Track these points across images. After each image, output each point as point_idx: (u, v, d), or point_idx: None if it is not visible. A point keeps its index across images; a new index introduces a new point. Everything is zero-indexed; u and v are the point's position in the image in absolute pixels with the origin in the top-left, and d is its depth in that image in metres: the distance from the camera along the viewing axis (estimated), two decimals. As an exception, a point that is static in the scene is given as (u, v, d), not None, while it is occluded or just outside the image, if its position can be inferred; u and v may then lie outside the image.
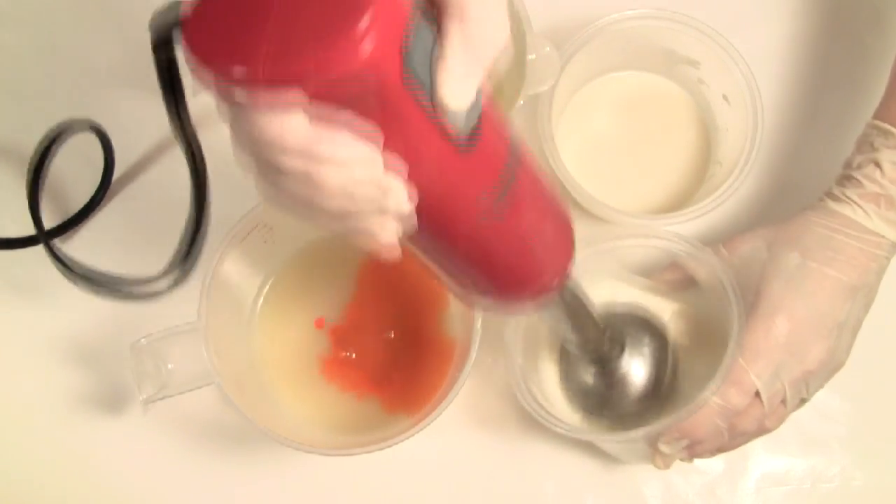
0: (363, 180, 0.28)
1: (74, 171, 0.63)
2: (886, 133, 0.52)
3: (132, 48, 0.67)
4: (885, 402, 0.61)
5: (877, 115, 0.54)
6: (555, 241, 0.37)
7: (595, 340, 0.50)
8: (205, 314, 0.52)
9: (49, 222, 0.63)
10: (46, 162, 0.54)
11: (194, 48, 0.26)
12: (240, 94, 0.26)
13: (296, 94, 0.25)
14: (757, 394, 0.50)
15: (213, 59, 0.26)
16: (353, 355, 0.60)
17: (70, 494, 0.61)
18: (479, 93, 0.29)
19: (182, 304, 0.53)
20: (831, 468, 0.60)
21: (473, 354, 0.52)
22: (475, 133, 0.30)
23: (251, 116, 0.26)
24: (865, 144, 0.53)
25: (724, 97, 0.61)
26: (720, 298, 0.56)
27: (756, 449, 0.61)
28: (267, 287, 0.61)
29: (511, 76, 0.60)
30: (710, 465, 0.60)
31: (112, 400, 0.62)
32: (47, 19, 0.68)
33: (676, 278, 0.57)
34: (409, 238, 0.32)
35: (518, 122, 0.55)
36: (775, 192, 0.64)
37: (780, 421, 0.52)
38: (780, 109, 0.64)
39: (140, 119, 0.65)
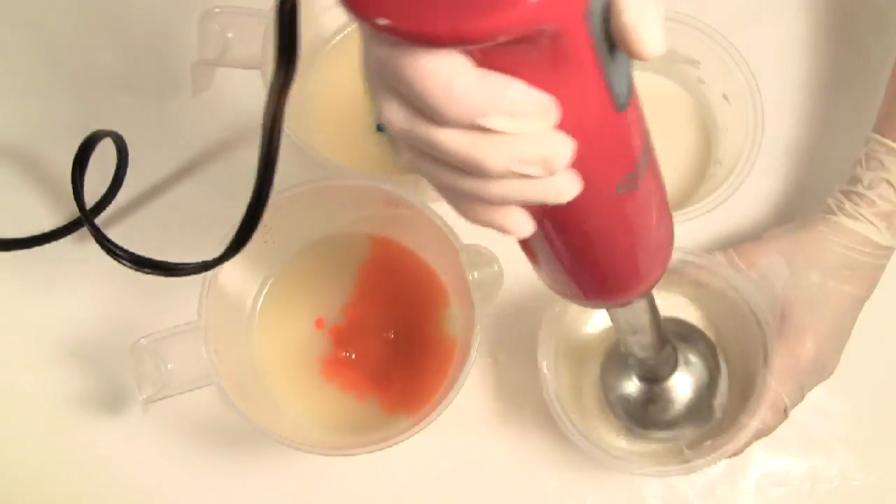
0: (524, 156, 0.25)
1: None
2: (894, 152, 0.53)
3: (134, 51, 0.67)
4: (885, 402, 0.61)
5: (881, 130, 0.54)
6: (666, 228, 0.35)
7: (658, 350, 0.48)
8: (205, 314, 0.52)
9: (53, 222, 0.63)
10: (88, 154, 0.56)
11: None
12: (403, 48, 0.23)
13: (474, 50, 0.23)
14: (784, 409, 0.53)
15: (378, 10, 0.23)
16: (353, 355, 0.60)
17: (70, 494, 0.61)
18: None
19: (182, 304, 0.53)
20: (831, 468, 0.60)
21: (474, 354, 0.52)
22: (631, 90, 0.27)
23: (413, 70, 0.24)
24: (874, 161, 0.54)
25: (724, 97, 0.61)
26: (735, 309, 0.56)
27: (756, 449, 0.61)
28: (267, 287, 0.61)
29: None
30: (710, 465, 0.60)
31: (112, 400, 0.62)
32: (48, 20, 0.68)
33: (685, 282, 0.58)
34: (537, 216, 0.29)
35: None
36: (776, 191, 0.64)
37: (785, 419, 0.55)
38: (780, 109, 0.64)
39: (139, 120, 0.65)
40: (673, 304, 0.57)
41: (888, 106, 0.55)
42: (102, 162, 0.62)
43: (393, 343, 0.60)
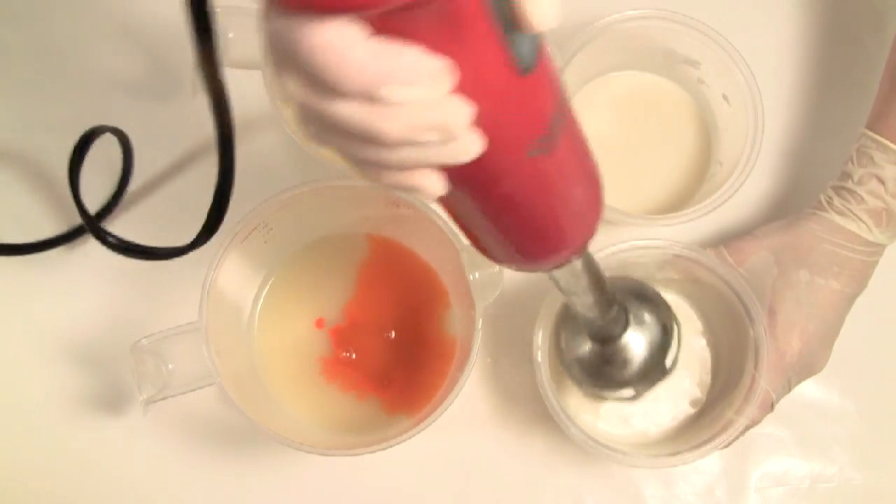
0: (424, 123, 0.26)
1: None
2: (885, 149, 0.53)
3: (135, 52, 0.67)
4: (885, 402, 0.61)
5: (872, 127, 0.54)
6: (590, 192, 0.36)
7: (605, 311, 0.47)
8: (205, 314, 0.52)
9: (53, 222, 0.63)
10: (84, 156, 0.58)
11: None
12: (295, 18, 0.23)
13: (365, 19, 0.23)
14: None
15: None
16: (354, 355, 0.60)
17: (70, 494, 0.61)
18: None
19: (182, 304, 0.53)
20: (831, 468, 0.60)
21: (474, 355, 0.52)
22: (538, 56, 0.27)
23: (310, 42, 0.24)
24: (865, 157, 0.54)
25: (724, 97, 0.61)
26: (727, 303, 0.56)
27: (756, 449, 0.61)
28: (267, 287, 0.61)
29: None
30: (710, 465, 0.60)
31: (112, 400, 0.62)
32: (48, 20, 0.68)
33: (674, 277, 0.58)
34: (451, 180, 0.29)
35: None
36: (776, 191, 0.64)
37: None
38: (780, 109, 0.64)
39: (139, 120, 0.65)
40: (665, 297, 0.57)
41: (880, 103, 0.55)
42: (106, 161, 0.62)
43: (393, 343, 0.60)
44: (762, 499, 0.60)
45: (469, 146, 0.27)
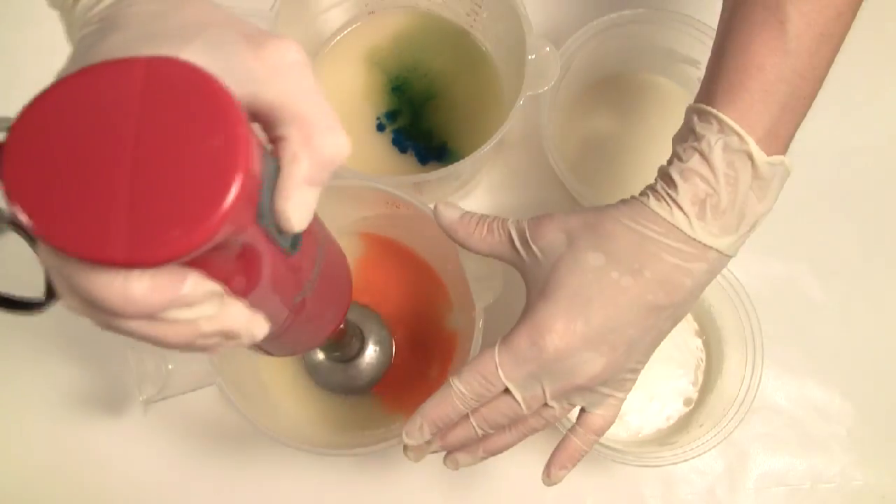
0: (210, 332, 0.29)
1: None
2: (708, 115, 0.42)
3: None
4: (885, 402, 0.61)
5: (697, 99, 0.45)
6: (346, 284, 0.42)
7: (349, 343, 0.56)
8: (205, 314, 0.52)
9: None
10: None
11: (16, 195, 0.24)
12: (75, 263, 0.25)
13: (147, 269, 0.25)
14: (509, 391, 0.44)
15: (46, 223, 0.24)
16: (353, 355, 0.60)
17: (70, 493, 0.61)
18: None
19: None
20: (831, 468, 0.60)
21: (474, 354, 0.51)
22: (299, 238, 0.32)
23: (87, 281, 0.25)
24: (686, 131, 0.44)
25: (724, 97, 0.61)
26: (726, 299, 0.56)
27: (756, 449, 0.61)
28: (267, 287, 0.61)
29: (511, 76, 0.61)
30: (710, 465, 0.60)
31: (112, 400, 0.62)
32: (48, 20, 0.68)
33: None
34: None
35: (518, 122, 0.55)
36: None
37: (548, 421, 0.46)
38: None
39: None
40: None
41: (706, 78, 0.45)
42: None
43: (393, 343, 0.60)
44: (763, 499, 0.60)
45: (254, 333, 0.30)
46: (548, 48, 0.55)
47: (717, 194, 0.42)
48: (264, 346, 0.38)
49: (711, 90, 0.43)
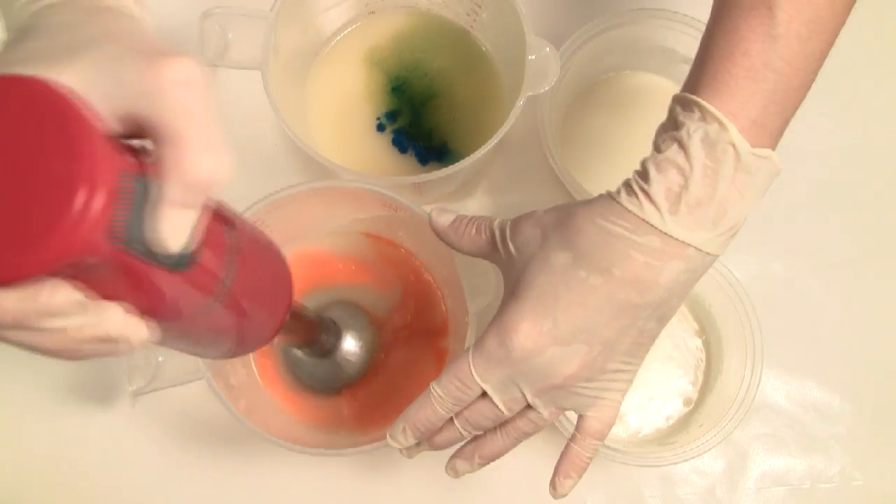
0: (85, 338, 0.29)
1: None
2: (691, 103, 0.41)
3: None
4: (885, 402, 0.61)
5: (683, 88, 0.43)
6: (278, 287, 0.40)
7: (318, 339, 0.54)
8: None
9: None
10: None
11: None
12: None
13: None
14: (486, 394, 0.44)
15: None
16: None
17: (57, 484, 0.61)
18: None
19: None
20: (831, 468, 0.60)
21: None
22: (193, 254, 0.31)
23: None
24: (669, 120, 0.42)
25: (724, 97, 0.61)
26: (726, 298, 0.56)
27: (756, 449, 0.61)
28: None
29: (511, 76, 0.61)
30: (710, 465, 0.60)
31: (101, 391, 0.61)
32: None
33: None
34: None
35: (518, 122, 0.55)
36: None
37: (537, 424, 0.46)
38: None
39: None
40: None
41: (693, 69, 0.44)
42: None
43: (389, 341, 0.60)
44: (763, 499, 0.60)
45: (132, 338, 0.31)
46: (548, 48, 0.55)
47: (693, 187, 0.39)
48: (194, 349, 0.37)
49: (696, 77, 0.42)
